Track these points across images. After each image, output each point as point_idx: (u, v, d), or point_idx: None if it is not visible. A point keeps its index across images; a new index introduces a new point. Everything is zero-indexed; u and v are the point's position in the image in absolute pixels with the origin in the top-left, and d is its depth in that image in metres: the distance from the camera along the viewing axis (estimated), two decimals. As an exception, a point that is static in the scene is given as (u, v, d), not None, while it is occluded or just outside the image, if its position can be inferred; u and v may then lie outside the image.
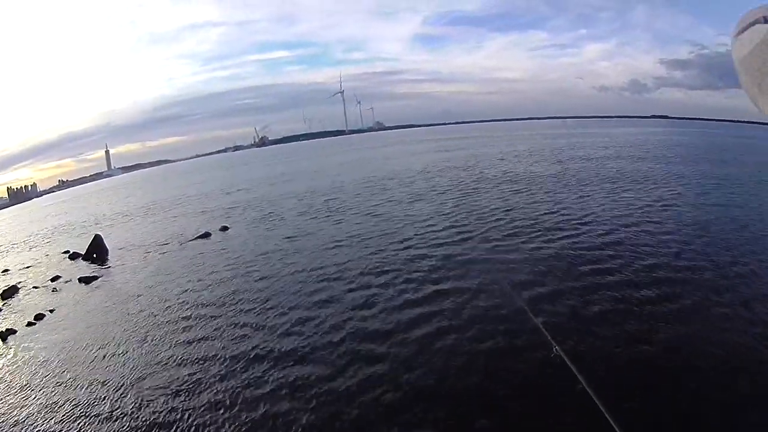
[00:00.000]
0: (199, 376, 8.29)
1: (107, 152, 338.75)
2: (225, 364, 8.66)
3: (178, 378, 8.35)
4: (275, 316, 10.72)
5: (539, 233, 15.80)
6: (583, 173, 31.17)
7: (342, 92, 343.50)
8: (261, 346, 9.21)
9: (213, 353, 9.19)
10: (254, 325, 10.36)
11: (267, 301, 11.75)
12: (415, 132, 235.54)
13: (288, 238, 18.86)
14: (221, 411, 7.16)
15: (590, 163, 37.36)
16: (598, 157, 42.30)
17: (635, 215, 18.02)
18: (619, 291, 10.53)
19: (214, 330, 10.41)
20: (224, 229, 22.75)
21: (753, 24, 1.88)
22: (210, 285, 13.90)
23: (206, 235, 21.56)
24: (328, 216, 22.54)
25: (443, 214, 19.92)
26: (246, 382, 7.92)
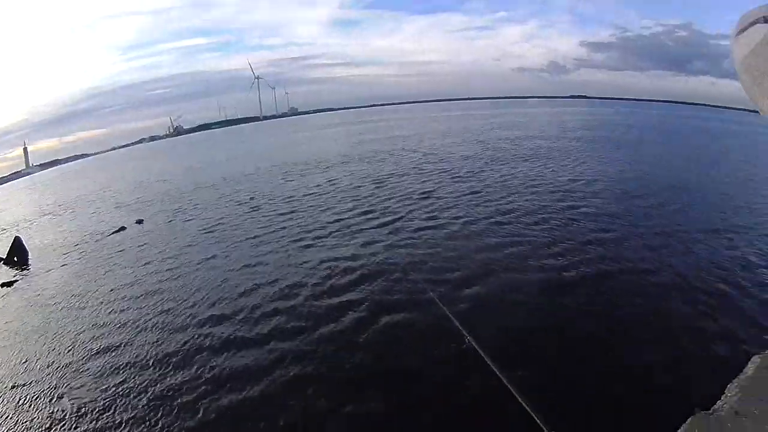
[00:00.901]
0: (125, 379, 8.41)
1: (25, 150, 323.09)
2: (149, 363, 8.84)
3: (100, 383, 8.46)
4: (194, 311, 10.95)
5: (449, 216, 16.46)
6: (501, 153, 33.41)
7: (258, 78, 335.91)
8: (182, 344, 9.42)
9: (136, 352, 9.36)
10: (174, 322, 10.57)
11: (185, 296, 11.99)
12: (330, 116, 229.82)
13: (204, 229, 19.54)
14: (150, 414, 7.32)
15: (508, 143, 40.11)
16: (515, 137, 45.53)
17: (546, 193, 19.48)
18: (528, 273, 11.04)
19: (135, 328, 10.60)
20: (139, 222, 23.72)
21: (753, 24, 1.74)
22: (128, 282, 14.10)
23: (122, 230, 22.41)
24: (244, 205, 23.39)
25: (359, 199, 20.91)
26: (172, 383, 8.09)
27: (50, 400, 8.11)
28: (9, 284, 16.46)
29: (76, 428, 7.23)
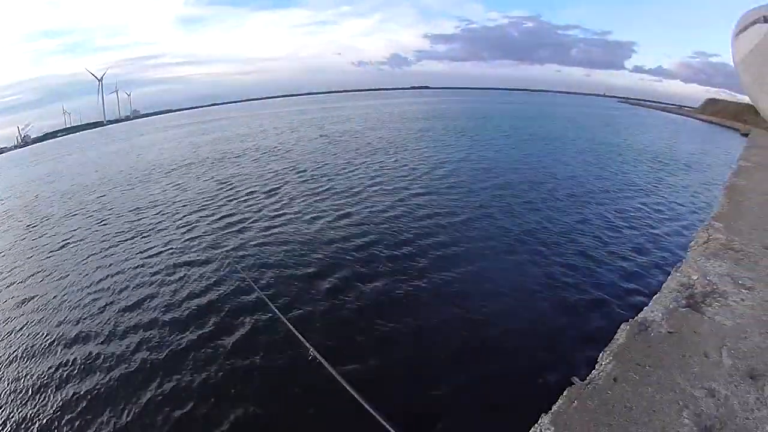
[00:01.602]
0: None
1: None
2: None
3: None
4: (54, 339, 10.35)
5: (292, 216, 16.30)
6: (341, 147, 34.45)
7: (100, 81, 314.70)
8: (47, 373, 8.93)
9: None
10: (34, 353, 9.97)
11: (44, 324, 11.27)
12: (173, 117, 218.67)
13: (57, 245, 18.25)
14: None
15: (347, 136, 41.68)
16: (353, 130, 47.76)
17: (393, 185, 20.03)
18: (366, 278, 10.77)
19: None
20: (-11, 243, 21.36)
21: (753, 24, 1.92)
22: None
23: (-31, 253, 19.90)
24: (91, 218, 22.07)
25: (207, 205, 20.40)
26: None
27: None
28: None
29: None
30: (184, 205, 21.32)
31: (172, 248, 15.10)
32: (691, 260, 5.79)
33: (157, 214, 20.51)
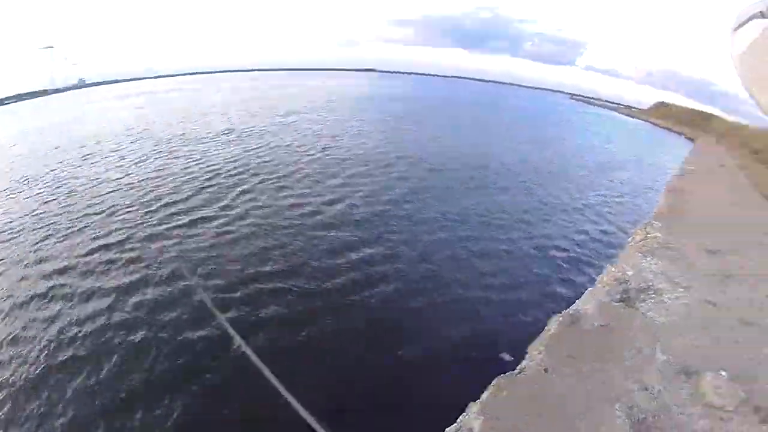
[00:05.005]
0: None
1: None
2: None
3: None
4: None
5: (228, 208, 14.46)
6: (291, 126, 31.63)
7: (51, 47, 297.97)
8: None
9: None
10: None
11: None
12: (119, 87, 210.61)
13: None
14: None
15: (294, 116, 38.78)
16: (305, 108, 43.94)
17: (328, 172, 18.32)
18: (290, 273, 10.16)
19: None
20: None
21: (750, 19, 1.90)
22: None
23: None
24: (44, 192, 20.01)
25: (132, 187, 17.52)
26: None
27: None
28: None
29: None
30: (110, 187, 17.59)
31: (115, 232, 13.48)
32: (627, 256, 5.72)
33: (91, 195, 17.63)
